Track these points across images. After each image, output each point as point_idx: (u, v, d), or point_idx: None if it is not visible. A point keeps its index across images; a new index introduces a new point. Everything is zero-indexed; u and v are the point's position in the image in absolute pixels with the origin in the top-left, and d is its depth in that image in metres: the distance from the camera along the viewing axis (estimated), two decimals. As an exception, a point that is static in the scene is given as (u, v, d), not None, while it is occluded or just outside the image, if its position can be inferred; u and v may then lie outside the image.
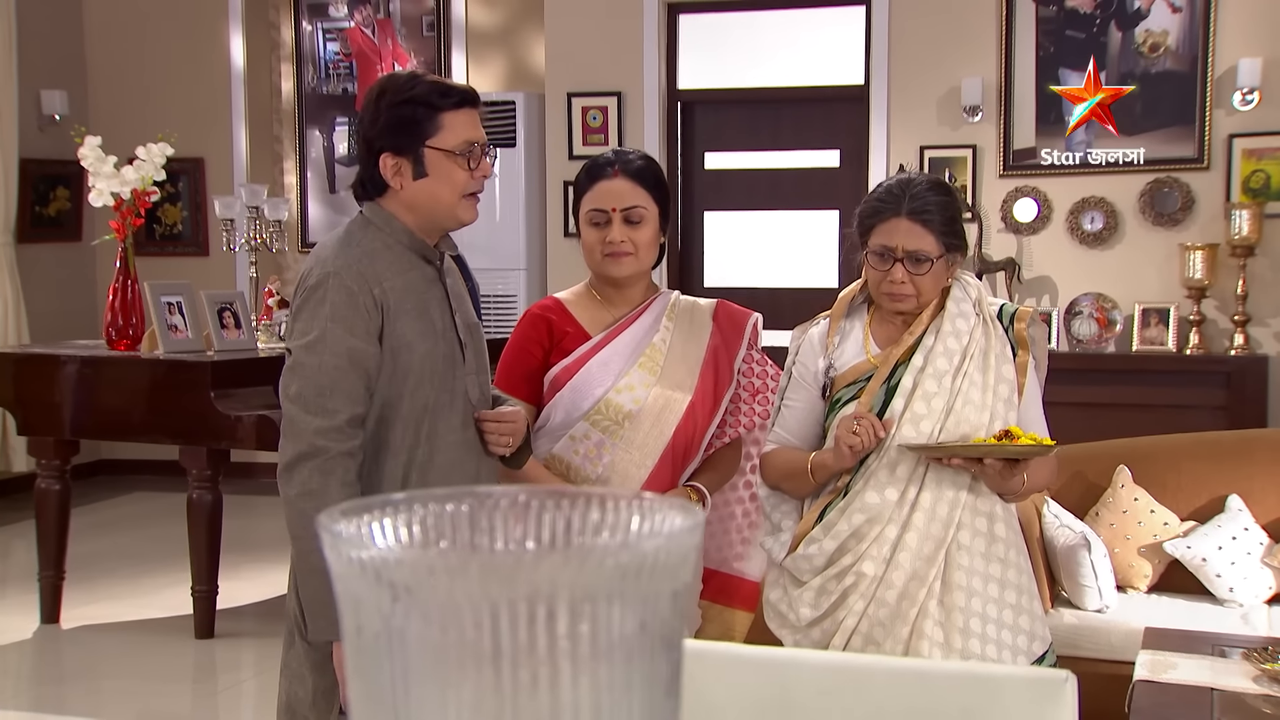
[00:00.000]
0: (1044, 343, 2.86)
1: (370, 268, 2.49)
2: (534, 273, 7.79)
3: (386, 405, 2.51)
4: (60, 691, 5.14)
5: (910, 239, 2.73)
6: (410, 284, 2.54)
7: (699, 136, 7.55)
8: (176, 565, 6.23)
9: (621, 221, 2.89)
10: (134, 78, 8.94)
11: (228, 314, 5.66)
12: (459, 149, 2.53)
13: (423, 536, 0.73)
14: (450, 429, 2.56)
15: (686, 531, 0.67)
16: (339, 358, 2.44)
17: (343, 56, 8.72)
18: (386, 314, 2.49)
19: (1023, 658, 2.72)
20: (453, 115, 2.53)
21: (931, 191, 2.78)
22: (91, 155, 5.65)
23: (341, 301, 2.46)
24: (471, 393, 2.61)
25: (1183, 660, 3.31)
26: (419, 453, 2.53)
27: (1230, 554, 4.19)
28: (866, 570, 2.72)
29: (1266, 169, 6.42)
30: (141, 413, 5.50)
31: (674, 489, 2.96)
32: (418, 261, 2.57)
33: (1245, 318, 6.34)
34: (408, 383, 2.51)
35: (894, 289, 2.75)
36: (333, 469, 2.41)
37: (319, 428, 2.42)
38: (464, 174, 2.54)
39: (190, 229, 8.98)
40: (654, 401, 2.89)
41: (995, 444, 2.66)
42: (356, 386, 2.46)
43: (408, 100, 2.53)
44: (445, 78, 2.67)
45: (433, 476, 2.54)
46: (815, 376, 2.88)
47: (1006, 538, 2.75)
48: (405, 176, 2.54)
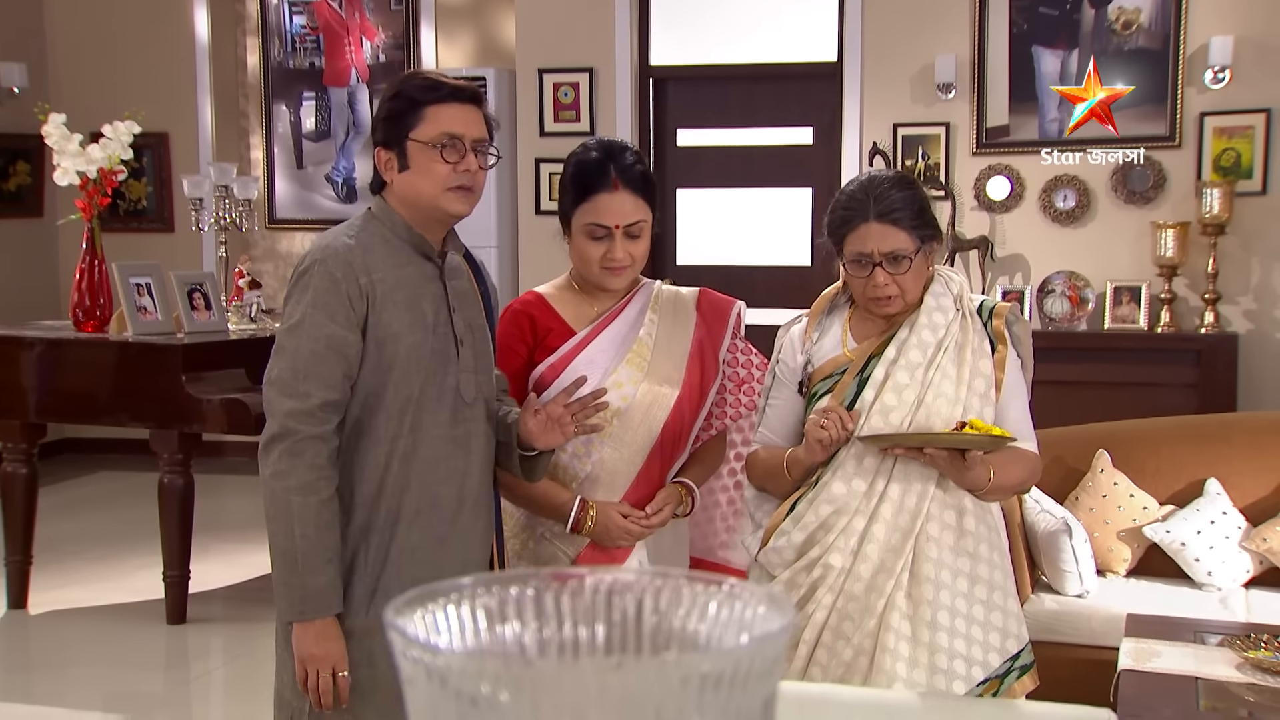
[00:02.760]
0: (1028, 340, 2.84)
1: (362, 258, 2.52)
2: (505, 250, 7.73)
3: (371, 394, 2.53)
4: (28, 679, 5.09)
5: (884, 241, 2.71)
6: (405, 278, 2.55)
7: (671, 113, 7.50)
8: (146, 547, 6.17)
9: (623, 237, 2.84)
10: (95, 50, 8.79)
11: (198, 295, 5.58)
12: (434, 141, 2.53)
13: (489, 632, 0.70)
14: (436, 423, 2.57)
15: (779, 630, 0.63)
16: (316, 342, 2.47)
17: (309, 30, 8.60)
18: (372, 304, 2.51)
19: (994, 655, 2.72)
20: (436, 109, 2.54)
21: (895, 189, 2.76)
22: (56, 133, 5.55)
23: (324, 288, 2.49)
24: (465, 390, 2.61)
25: (1166, 648, 3.32)
26: (401, 443, 2.54)
27: (1209, 538, 4.21)
28: (833, 562, 2.72)
29: (1237, 147, 6.43)
30: (111, 396, 5.43)
31: (662, 485, 2.94)
32: (415, 257, 2.59)
33: (1216, 296, 6.36)
34: (393, 373, 2.52)
35: (879, 292, 2.75)
36: (301, 451, 2.45)
37: (290, 409, 2.46)
38: (443, 167, 2.53)
39: (155, 205, 8.86)
40: (642, 397, 2.86)
41: (934, 434, 2.65)
42: (333, 372, 2.48)
43: (397, 94, 2.59)
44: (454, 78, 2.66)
45: (416, 468, 2.55)
46: (795, 373, 2.88)
47: (977, 532, 2.74)
48: (393, 170, 2.58)
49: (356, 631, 2.54)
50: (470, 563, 2.65)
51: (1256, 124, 6.38)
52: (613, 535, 2.84)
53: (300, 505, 2.46)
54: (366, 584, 2.55)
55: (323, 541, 2.47)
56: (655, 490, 2.92)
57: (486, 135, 2.62)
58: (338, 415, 2.51)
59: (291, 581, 2.47)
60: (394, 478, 2.55)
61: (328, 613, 2.49)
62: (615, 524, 2.84)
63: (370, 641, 2.54)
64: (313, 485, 2.46)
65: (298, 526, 2.46)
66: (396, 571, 2.56)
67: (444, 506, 2.59)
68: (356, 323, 2.50)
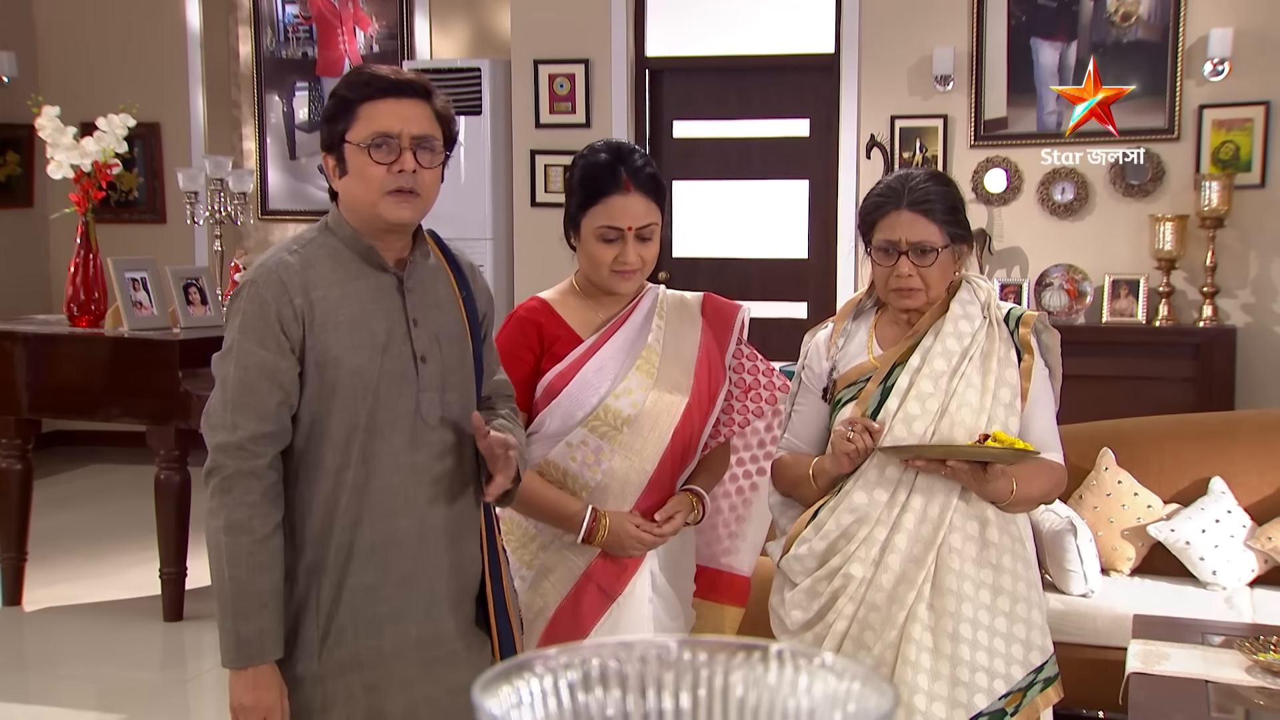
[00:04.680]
0: (1057, 349, 2.82)
1: (300, 276, 2.33)
2: (500, 243, 7.69)
3: (314, 422, 2.34)
4: (23, 678, 5.05)
5: (913, 230, 2.70)
6: (351, 294, 2.36)
7: (667, 105, 7.46)
8: (141, 543, 6.13)
9: (635, 240, 2.80)
10: (86, 39, 8.72)
11: (193, 290, 5.54)
12: (365, 141, 2.33)
13: (573, 703, 0.67)
14: (391, 450, 2.36)
15: (884, 715, 0.61)
16: (245, 371, 2.31)
17: (302, 20, 8.54)
18: (309, 326, 2.32)
19: (1017, 667, 2.70)
20: (370, 106, 2.34)
21: (931, 182, 2.76)
22: (50, 126, 5.51)
23: (253, 312, 2.32)
24: (427, 412, 2.39)
25: (1175, 650, 3.31)
26: (350, 474, 2.34)
27: (1214, 537, 4.20)
28: (854, 572, 2.71)
29: (1236, 140, 6.41)
30: (107, 392, 5.39)
31: (672, 493, 2.91)
32: (367, 269, 2.39)
33: (1214, 289, 6.34)
34: (335, 399, 2.33)
35: (901, 283, 2.72)
36: (230, 487, 2.29)
37: (219, 443, 2.31)
38: (375, 169, 2.33)
39: (146, 196, 8.80)
40: (652, 405, 2.82)
41: (956, 446, 2.63)
42: (264, 402, 2.30)
43: (333, 93, 2.41)
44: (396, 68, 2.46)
45: (369, 500, 2.35)
46: (820, 379, 2.85)
47: (1000, 543, 2.72)
48: (336, 175, 2.41)
49: (308, 678, 2.36)
50: (438, 599, 2.44)
51: (1256, 117, 6.36)
52: (625, 545, 2.81)
53: (230, 546, 2.29)
54: (319, 626, 2.36)
55: (256, 584, 2.29)
56: (665, 498, 2.89)
57: (434, 131, 2.39)
58: (273, 447, 2.32)
59: (225, 626, 2.31)
60: (344, 512, 2.35)
61: (261, 660, 2.30)
62: (628, 534, 2.80)
63: (323, 688, 2.37)
64: (243, 524, 2.29)
65: (227, 568, 2.30)
66: (351, 613, 2.36)
67: (404, 540, 2.38)
68: (290, 347, 2.31)
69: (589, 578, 2.84)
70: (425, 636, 2.43)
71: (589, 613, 2.83)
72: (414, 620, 2.41)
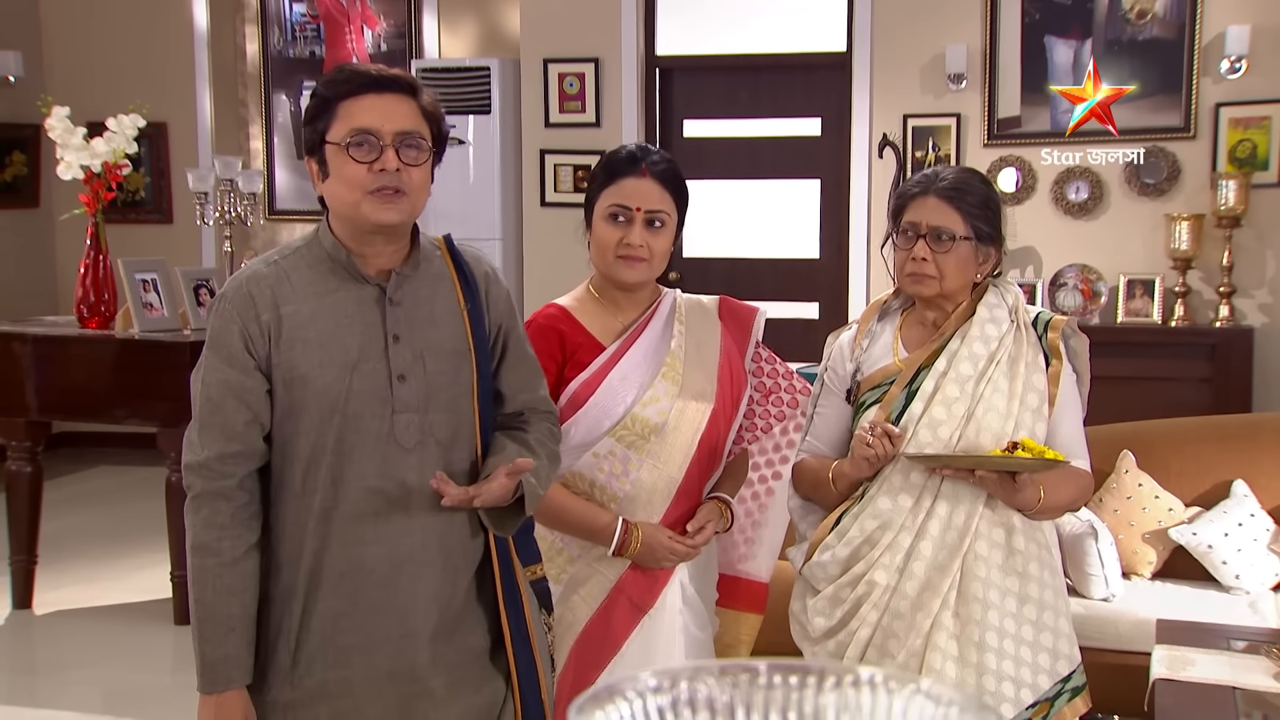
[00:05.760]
0: (1085, 355, 2.78)
1: (271, 289, 2.24)
2: (509, 243, 7.65)
3: (284, 443, 2.26)
4: (33, 682, 5.03)
5: (936, 215, 2.69)
6: (325, 307, 2.25)
7: (677, 104, 7.41)
8: (151, 545, 6.11)
9: (643, 224, 2.76)
10: (92, 38, 8.68)
11: (204, 291, 5.51)
12: (344, 139, 2.21)
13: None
14: (360, 475, 2.24)
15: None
16: (210, 388, 2.25)
17: (309, 18, 8.50)
18: (275, 342, 2.23)
19: (1044, 677, 2.67)
20: (350, 103, 2.23)
21: (967, 174, 2.79)
22: (60, 127, 5.48)
23: (219, 329, 2.25)
24: (403, 435, 2.25)
25: (1200, 656, 3.28)
26: (317, 499, 2.24)
27: (1236, 540, 4.15)
28: (879, 579, 2.68)
29: (1253, 138, 6.37)
30: (118, 394, 5.37)
31: (699, 501, 2.88)
32: (348, 281, 2.27)
33: (1230, 289, 6.30)
34: (302, 419, 2.23)
35: (915, 268, 2.70)
36: (198, 508, 2.24)
37: (187, 462, 2.26)
38: (354, 168, 2.21)
39: (153, 196, 8.76)
40: (679, 412, 2.79)
41: (984, 456, 2.60)
42: (230, 421, 2.23)
43: (313, 93, 2.30)
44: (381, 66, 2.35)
45: (336, 527, 2.25)
46: (843, 381, 2.82)
47: (1027, 550, 2.69)
48: (319, 179, 2.29)
49: (279, 704, 2.29)
50: (413, 633, 2.30)
51: (1273, 114, 6.31)
52: (657, 557, 2.77)
53: (198, 568, 2.24)
54: (290, 653, 2.29)
55: (223, 608, 2.23)
56: (693, 507, 2.85)
57: (419, 128, 2.26)
58: (242, 466, 2.24)
59: (195, 648, 2.25)
60: (310, 536, 2.26)
61: (226, 686, 2.24)
62: (662, 545, 2.76)
63: (294, 715, 2.30)
64: (210, 546, 2.22)
65: (194, 590, 2.25)
66: (319, 641, 2.27)
67: (372, 570, 2.26)
68: (257, 365, 2.23)
69: (620, 590, 2.79)
70: (399, 671, 2.31)
71: (620, 626, 2.78)
72: (385, 654, 2.29)
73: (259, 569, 2.27)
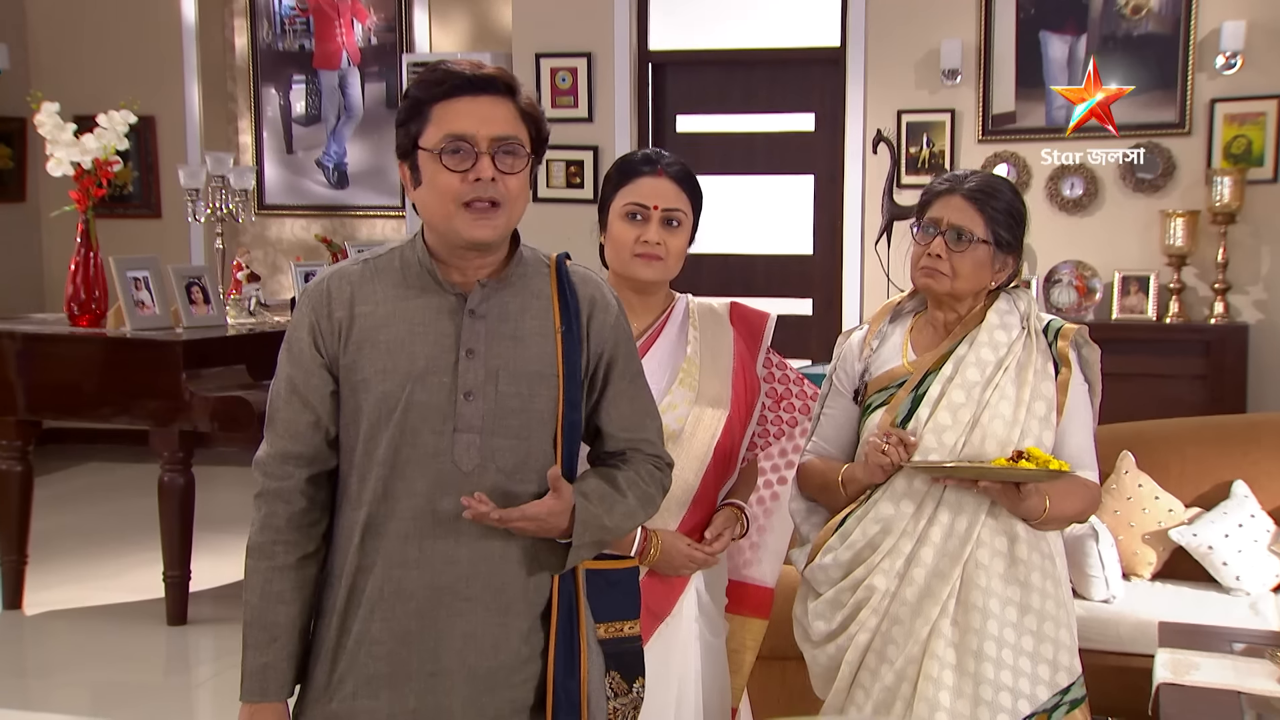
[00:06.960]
0: (1097, 364, 2.76)
1: (351, 288, 2.15)
2: (501, 238, 7.59)
3: (347, 449, 2.16)
4: (24, 684, 4.98)
5: (958, 215, 2.69)
6: (402, 312, 2.14)
7: (671, 99, 7.37)
8: (142, 544, 6.07)
9: (660, 222, 2.75)
10: (79, 31, 8.61)
11: (196, 289, 5.46)
12: (436, 146, 2.08)
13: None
14: (410, 493, 2.11)
15: None
16: (278, 383, 2.18)
17: (299, 11, 8.45)
18: (345, 342, 2.13)
19: (1043, 688, 2.65)
20: (442, 107, 2.09)
21: (997, 180, 2.78)
22: (50, 123, 5.43)
23: (295, 323, 2.18)
24: (461, 457, 2.11)
25: (1204, 660, 3.27)
26: (365, 513, 2.13)
27: (1237, 541, 4.14)
28: (878, 584, 2.68)
29: (1248, 134, 6.35)
30: (109, 393, 5.32)
31: (715, 507, 2.86)
32: (432, 286, 2.16)
33: (1225, 286, 6.29)
34: (361, 426, 2.13)
35: (930, 262, 2.69)
36: (259, 506, 2.17)
37: (256, 458, 2.19)
38: (448, 178, 2.08)
39: (141, 190, 8.69)
40: (696, 419, 2.77)
41: (987, 467, 2.58)
42: (295, 419, 2.15)
43: (405, 94, 2.16)
44: (476, 63, 2.17)
45: (383, 545, 2.13)
46: (852, 380, 2.81)
47: (1029, 560, 2.67)
48: (411, 186, 2.17)
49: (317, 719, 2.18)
50: (445, 671, 2.14)
51: (1268, 110, 6.29)
52: (676, 565, 2.75)
53: (250, 569, 2.16)
54: (326, 672, 2.17)
55: (269, 615, 2.14)
56: (708, 514, 2.83)
57: (518, 132, 2.12)
58: (303, 469, 2.16)
59: (242, 653, 2.17)
60: (355, 552, 2.14)
61: (260, 699, 2.15)
62: (681, 553, 2.75)
63: None
64: (264, 549, 2.15)
65: (246, 593, 2.17)
66: (349, 664, 2.15)
67: (410, 596, 2.12)
68: (323, 363, 2.15)
69: None
70: (425, 710, 2.14)
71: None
72: (413, 690, 2.14)
73: (314, 580, 2.19)
